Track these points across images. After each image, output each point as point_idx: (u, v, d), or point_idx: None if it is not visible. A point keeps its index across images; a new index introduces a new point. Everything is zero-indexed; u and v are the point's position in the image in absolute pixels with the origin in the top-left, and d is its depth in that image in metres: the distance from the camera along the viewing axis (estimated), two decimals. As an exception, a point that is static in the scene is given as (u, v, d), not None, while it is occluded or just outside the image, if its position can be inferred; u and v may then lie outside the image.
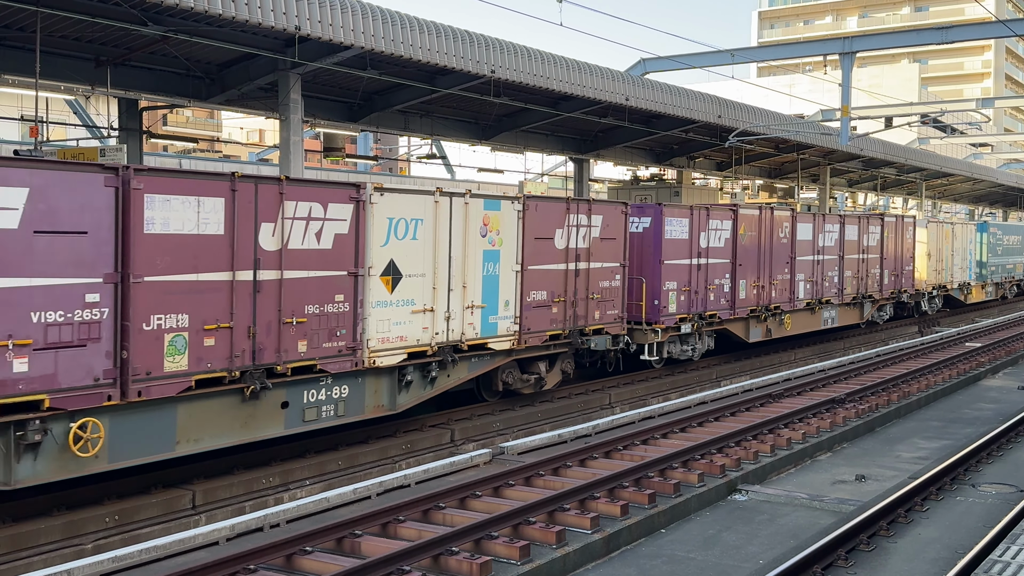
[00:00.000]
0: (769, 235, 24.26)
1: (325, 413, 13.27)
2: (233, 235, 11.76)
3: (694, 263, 21.22)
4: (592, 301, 18.12)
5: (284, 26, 14.72)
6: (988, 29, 28.45)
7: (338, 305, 13.22)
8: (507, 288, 16.17)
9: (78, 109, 27.23)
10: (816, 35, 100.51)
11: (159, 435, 11.26)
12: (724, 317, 22.41)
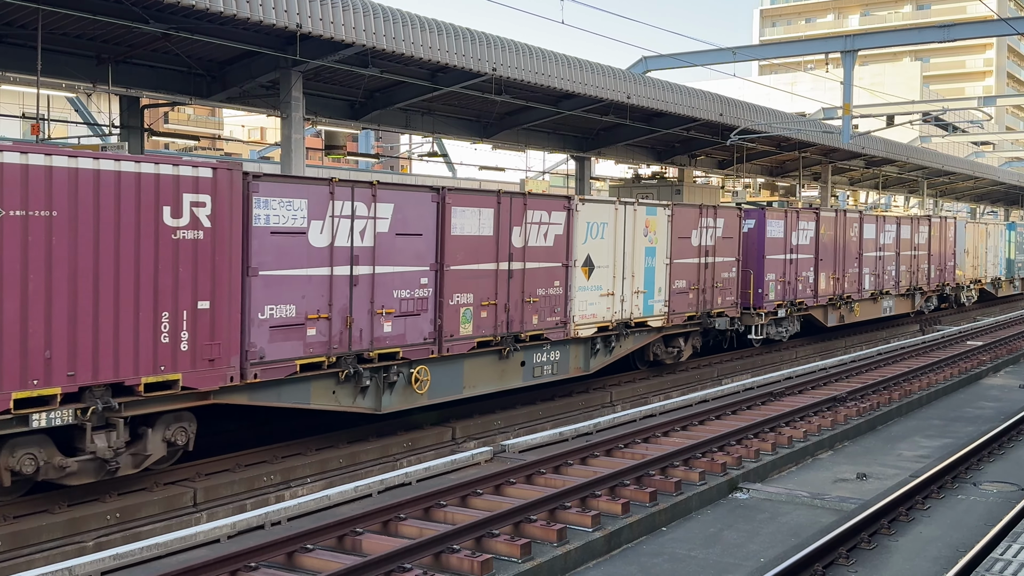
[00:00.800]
0: (842, 234, 28.19)
1: (546, 371, 17.59)
2: (498, 236, 16.03)
3: (788, 258, 25.22)
4: (716, 289, 22.21)
5: (286, 24, 14.72)
6: (990, 27, 28.42)
7: (556, 289, 17.43)
8: (660, 277, 20.43)
9: (79, 107, 27.24)
10: (818, 33, 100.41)
11: (454, 382, 15.57)
12: (809, 304, 26.32)
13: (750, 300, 23.80)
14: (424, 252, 14.61)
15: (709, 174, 38.68)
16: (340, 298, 13.32)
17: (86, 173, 10.47)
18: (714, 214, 21.92)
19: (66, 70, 16.52)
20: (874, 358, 24.15)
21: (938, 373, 21.59)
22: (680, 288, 20.94)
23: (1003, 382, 22.22)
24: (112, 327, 10.71)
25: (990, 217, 69.79)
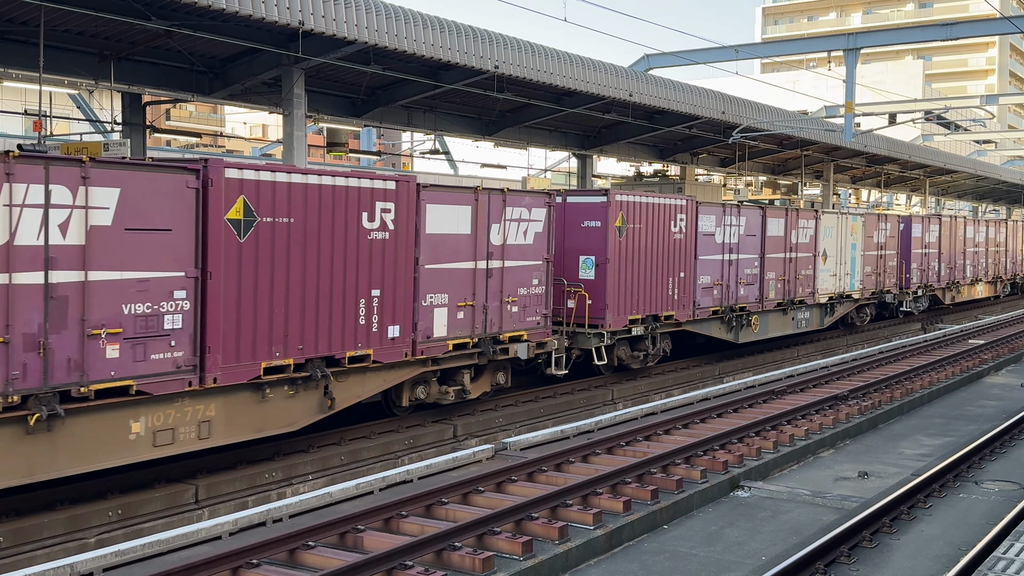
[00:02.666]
0: (953, 234, 36.98)
1: (803, 324, 26.62)
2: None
3: (923, 252, 34.19)
4: (886, 274, 31.45)
5: (288, 21, 14.71)
6: (992, 25, 28.39)
7: (808, 270, 26.45)
8: (857, 264, 29.41)
9: (81, 104, 27.24)
10: (820, 31, 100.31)
11: (766, 326, 24.87)
12: (934, 287, 35.32)
13: (900, 283, 32.82)
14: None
15: (711, 172, 38.67)
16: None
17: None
18: (885, 220, 31.55)
19: (68, 67, 16.52)
20: (875, 357, 24.14)
21: (940, 371, 21.57)
22: (867, 272, 30.16)
23: (1005, 380, 22.20)
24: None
25: (992, 215, 69.71)
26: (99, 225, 10.45)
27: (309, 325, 12.83)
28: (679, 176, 34.58)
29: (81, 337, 10.32)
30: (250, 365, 12.14)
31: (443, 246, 15.07)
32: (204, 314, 11.60)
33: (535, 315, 16.93)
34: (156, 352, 11.05)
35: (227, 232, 11.79)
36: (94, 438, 10.59)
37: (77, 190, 10.25)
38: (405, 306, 14.34)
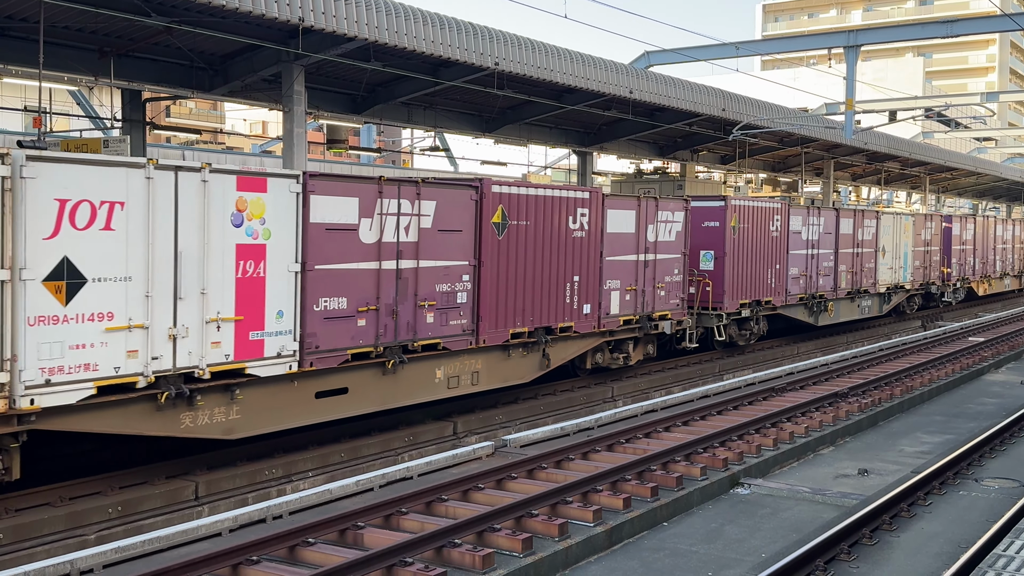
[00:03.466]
0: (984, 232, 41.61)
1: (866, 310, 30.52)
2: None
3: (960, 248, 38.50)
4: (931, 267, 35.81)
5: (288, 17, 14.69)
6: (993, 23, 28.35)
7: (870, 264, 30.19)
8: (908, 259, 33.57)
9: (81, 100, 27.22)
10: (820, 28, 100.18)
11: (840, 312, 28.62)
12: (969, 280, 39.85)
13: (945, 276, 37.27)
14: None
15: (711, 169, 38.64)
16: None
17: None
18: (931, 219, 35.91)
19: (68, 63, 16.50)
20: (875, 354, 24.13)
21: (940, 369, 21.57)
22: (916, 266, 34.15)
23: (1005, 378, 22.21)
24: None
25: (992, 212, 69.69)
26: (425, 228, 14.61)
27: (536, 302, 16.92)
28: (679, 173, 34.56)
29: (415, 307, 14.53)
30: (503, 331, 16.15)
31: (617, 242, 19.06)
32: (479, 292, 15.61)
33: (675, 298, 20.89)
34: (452, 319, 15.23)
35: (491, 232, 15.87)
36: (417, 380, 14.83)
37: (414, 203, 14.35)
38: (593, 289, 18.34)
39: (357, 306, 13.55)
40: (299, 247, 12.65)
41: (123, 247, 10.70)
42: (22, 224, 9.85)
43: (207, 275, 11.56)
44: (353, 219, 13.47)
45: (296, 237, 12.61)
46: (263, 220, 12.18)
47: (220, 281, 11.73)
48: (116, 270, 10.63)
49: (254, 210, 12.09)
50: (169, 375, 11.20)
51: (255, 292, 12.14)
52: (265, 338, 12.26)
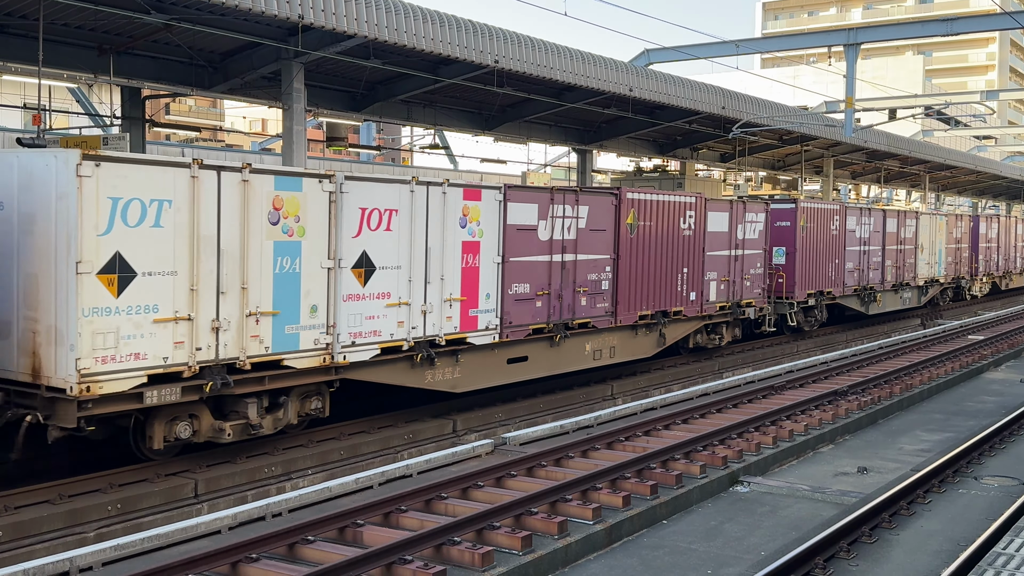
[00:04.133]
0: (1007, 231, 44.73)
1: (909, 302, 33.80)
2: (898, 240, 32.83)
3: (986, 246, 41.97)
4: (961, 263, 38.96)
5: (287, 15, 14.68)
6: (993, 21, 28.31)
7: (911, 260, 32.86)
8: (942, 255, 37.02)
9: (81, 97, 27.19)
10: (820, 26, 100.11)
11: (907, 300, 34.56)
12: (993, 275, 43.28)
13: (973, 271, 40.59)
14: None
15: (711, 167, 38.63)
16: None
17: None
18: (961, 219, 39.50)
19: (67, 61, 16.48)
20: (875, 352, 24.13)
21: (939, 367, 21.57)
22: (948, 262, 37.63)
23: (1004, 376, 22.21)
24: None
25: (992, 211, 69.72)
26: (580, 227, 18.06)
27: (656, 290, 20.18)
28: (679, 171, 34.55)
29: (574, 292, 17.95)
30: (633, 314, 19.52)
31: (715, 240, 22.23)
32: (616, 281, 19.02)
33: (758, 288, 24.18)
34: (599, 303, 18.68)
35: (626, 231, 19.20)
36: (573, 352, 18.25)
37: (574, 207, 17.87)
38: (698, 280, 21.58)
39: (535, 290, 17.16)
40: (501, 243, 16.33)
41: (397, 244, 14.46)
42: (339, 227, 13.37)
43: (445, 265, 15.25)
44: (533, 221, 17.05)
45: (498, 236, 16.30)
46: (479, 223, 15.88)
47: (452, 270, 15.40)
48: (395, 261, 14.43)
49: (473, 215, 15.76)
50: (421, 341, 14.81)
51: (473, 279, 15.87)
52: (479, 315, 15.99)
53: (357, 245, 13.72)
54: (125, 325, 11.00)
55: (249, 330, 12.32)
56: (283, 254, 12.76)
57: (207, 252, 11.84)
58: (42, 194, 10.84)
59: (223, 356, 12.03)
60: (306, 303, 13.06)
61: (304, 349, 13.03)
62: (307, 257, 13.07)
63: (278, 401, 13.03)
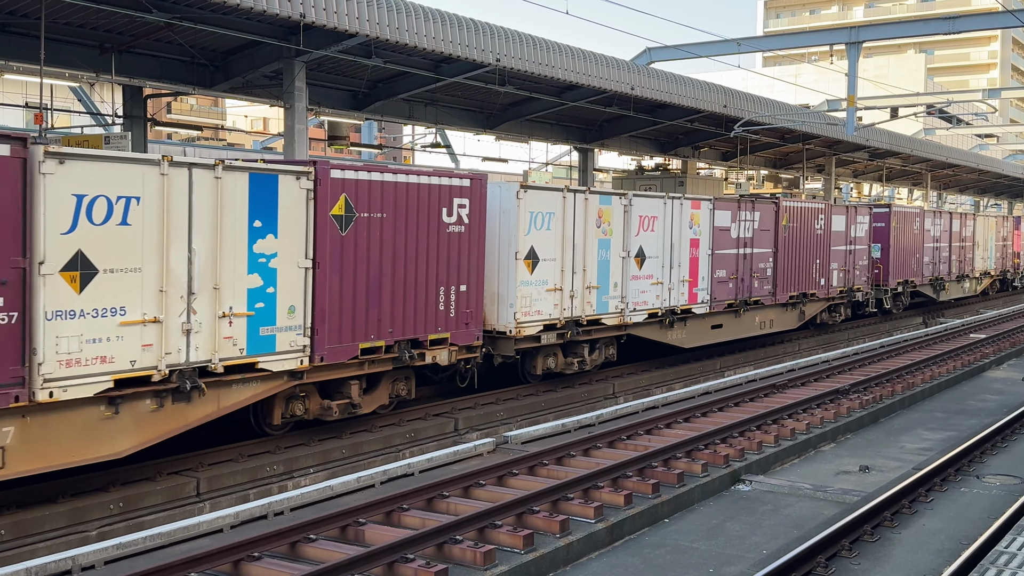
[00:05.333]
0: None
1: (968, 291, 39.38)
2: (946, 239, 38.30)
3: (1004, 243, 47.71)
4: (1006, 258, 44.01)
5: (289, 13, 14.68)
6: (995, 19, 28.29)
7: (970, 255, 38.39)
8: (992, 251, 42.00)
9: (82, 96, 27.20)
10: (822, 25, 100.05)
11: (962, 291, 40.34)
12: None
13: (1015, 265, 45.59)
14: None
15: (712, 166, 38.61)
16: None
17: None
18: (1007, 219, 44.54)
19: (69, 60, 16.49)
20: (877, 351, 24.12)
21: (941, 366, 21.56)
22: (997, 256, 42.68)
23: (1006, 375, 22.20)
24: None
25: (993, 209, 69.67)
26: (756, 228, 23.67)
27: (800, 275, 25.69)
28: (681, 170, 34.53)
29: (750, 277, 23.46)
30: (785, 295, 25.12)
31: (836, 237, 27.71)
32: (775, 269, 24.52)
33: (864, 277, 29.63)
34: (764, 286, 24.13)
35: (782, 230, 24.68)
36: (748, 322, 24.05)
37: (752, 212, 23.45)
38: (826, 269, 26.96)
39: (729, 275, 22.56)
40: (711, 240, 21.93)
41: (660, 242, 20.29)
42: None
43: (682, 256, 20.94)
44: (728, 223, 22.60)
45: (710, 234, 21.88)
46: (699, 225, 21.51)
47: (685, 259, 21.04)
48: (658, 253, 20.39)
49: (695, 220, 21.36)
50: (667, 310, 20.53)
51: (695, 266, 21.50)
52: (698, 292, 21.60)
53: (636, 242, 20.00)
54: (534, 293, 16.94)
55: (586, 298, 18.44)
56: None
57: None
58: (492, 208, 16.27)
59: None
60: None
61: (611, 312, 19.12)
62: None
63: (596, 347, 19.02)
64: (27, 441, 10.01)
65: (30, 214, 9.80)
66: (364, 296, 13.60)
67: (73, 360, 10.22)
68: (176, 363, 11.20)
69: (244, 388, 12.24)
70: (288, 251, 12.54)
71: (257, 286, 12.17)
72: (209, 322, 11.58)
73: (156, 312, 10.97)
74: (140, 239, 10.79)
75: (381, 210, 13.80)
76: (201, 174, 11.44)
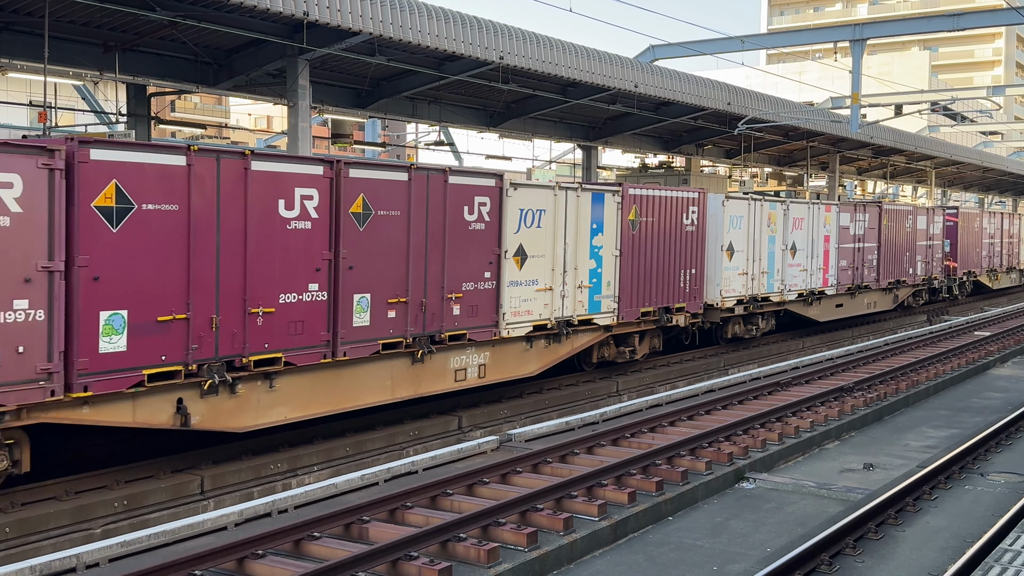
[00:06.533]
0: None
1: (1014, 282, 46.25)
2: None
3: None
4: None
5: (292, 11, 14.69)
6: (999, 16, 28.24)
7: (1017, 249, 45.94)
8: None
9: (86, 95, 27.22)
10: (826, 22, 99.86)
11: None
12: None
13: None
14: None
15: (716, 163, 38.58)
16: None
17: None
18: (994, 217, 46.07)
19: (73, 58, 16.51)
20: (881, 348, 24.10)
21: (945, 363, 21.53)
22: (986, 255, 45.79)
23: (1011, 372, 22.16)
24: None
25: (998, 207, 69.57)
26: (866, 227, 29.07)
27: (895, 266, 31.40)
28: (684, 168, 34.51)
29: (863, 265, 29.07)
30: (884, 281, 30.85)
31: (921, 235, 33.21)
32: (879, 260, 30.03)
33: (939, 267, 35.43)
34: (870, 274, 29.51)
35: (883, 228, 30.06)
36: (860, 303, 29.59)
37: (863, 214, 28.82)
38: (913, 260, 32.66)
39: (848, 265, 28.14)
40: (837, 236, 27.48)
41: (807, 236, 25.98)
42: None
43: (818, 248, 26.38)
44: (848, 223, 28.09)
45: (836, 231, 27.46)
46: (828, 224, 26.76)
47: (820, 251, 26.49)
48: (805, 246, 25.92)
49: (827, 221, 26.91)
50: (807, 291, 25.94)
51: (826, 257, 27.02)
52: (828, 277, 27.00)
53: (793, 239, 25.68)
54: (731, 276, 22.55)
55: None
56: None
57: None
58: (709, 214, 21.50)
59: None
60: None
61: (775, 291, 24.75)
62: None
63: (764, 318, 24.67)
64: (494, 362, 16.04)
65: (501, 221, 15.67)
66: (643, 276, 19.26)
67: (515, 312, 16.25)
68: (557, 317, 17.21)
69: (584, 335, 18.14)
70: (608, 244, 18.27)
71: (592, 268, 17.93)
72: (572, 291, 17.41)
73: (549, 283, 16.94)
74: (545, 236, 16.75)
75: (652, 216, 19.37)
76: (571, 194, 17.29)
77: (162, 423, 11.23)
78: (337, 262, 12.82)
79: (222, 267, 11.49)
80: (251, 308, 11.77)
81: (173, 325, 11.05)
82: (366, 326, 13.26)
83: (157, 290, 10.87)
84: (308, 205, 12.43)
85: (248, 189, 11.73)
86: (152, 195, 10.78)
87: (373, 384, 13.73)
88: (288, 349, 12.30)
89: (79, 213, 10.15)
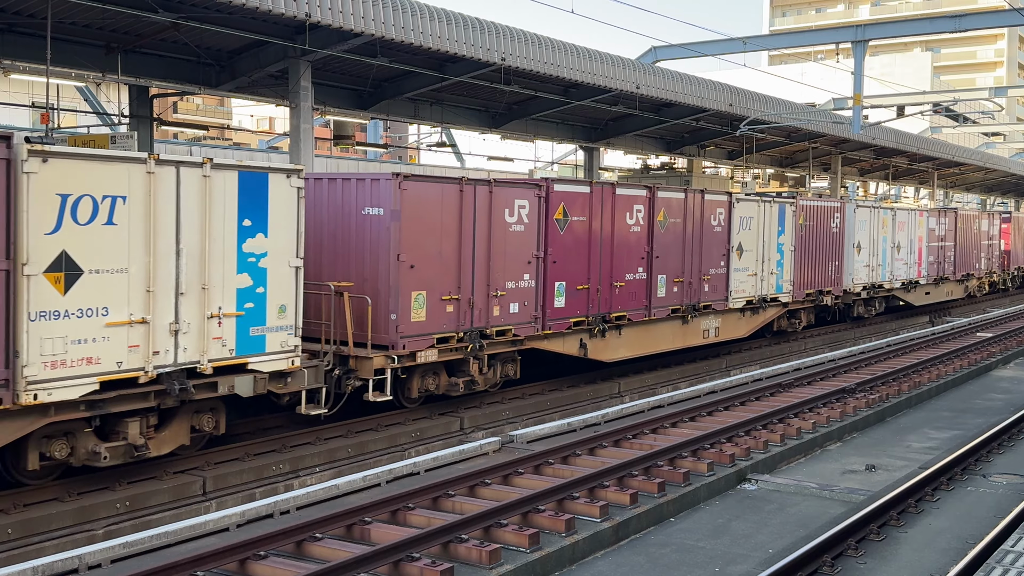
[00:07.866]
0: None
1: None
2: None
3: None
4: None
5: (295, 13, 14.70)
6: (1002, 17, 28.22)
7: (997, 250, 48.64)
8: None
9: (89, 96, 27.25)
10: (828, 23, 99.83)
11: None
12: None
13: None
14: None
15: (718, 164, 38.58)
16: None
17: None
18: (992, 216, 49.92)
19: (75, 59, 16.53)
20: (883, 350, 24.08)
21: (947, 365, 21.51)
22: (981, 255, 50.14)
23: (1013, 374, 22.15)
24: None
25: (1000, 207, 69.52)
26: (947, 228, 36.34)
27: (965, 261, 37.28)
28: (686, 169, 34.52)
29: (943, 259, 35.82)
30: (959, 274, 37.06)
31: (983, 235, 39.07)
32: (955, 256, 36.58)
33: (996, 262, 41.49)
34: (948, 268, 36.26)
35: (960, 231, 36.46)
36: (942, 292, 36.39)
37: (946, 218, 36.19)
38: (978, 256, 38.37)
39: (934, 260, 33.81)
40: (927, 236, 32.94)
41: (891, 236, 30.41)
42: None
43: (914, 245, 31.73)
44: (935, 225, 33.55)
45: (926, 233, 33.21)
46: (921, 226, 31.77)
47: (915, 248, 32.13)
48: (904, 244, 31.65)
49: (920, 223, 32.31)
50: (908, 280, 31.77)
51: (920, 253, 32.22)
52: (920, 270, 32.37)
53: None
54: (859, 267, 28.65)
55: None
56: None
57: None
58: (846, 219, 27.89)
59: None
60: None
61: (885, 280, 30.06)
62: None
63: (879, 302, 30.35)
64: (724, 325, 22.09)
65: (730, 225, 22.28)
66: (807, 266, 25.59)
67: (737, 291, 22.41)
68: (759, 295, 23.41)
69: (772, 309, 24.10)
70: (787, 242, 24.43)
71: (778, 259, 24.10)
72: (766, 276, 23.65)
73: (755, 270, 23.11)
74: (753, 236, 23.35)
75: (813, 220, 25.67)
76: (766, 205, 23.80)
77: (572, 352, 17.88)
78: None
79: (603, 255, 18.55)
80: (615, 281, 18.63)
81: (585, 292, 17.85)
82: (663, 296, 20.07)
83: (578, 269, 17.70)
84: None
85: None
86: (576, 212, 17.56)
87: (664, 337, 20.27)
88: (629, 310, 19.09)
89: (548, 223, 16.91)
